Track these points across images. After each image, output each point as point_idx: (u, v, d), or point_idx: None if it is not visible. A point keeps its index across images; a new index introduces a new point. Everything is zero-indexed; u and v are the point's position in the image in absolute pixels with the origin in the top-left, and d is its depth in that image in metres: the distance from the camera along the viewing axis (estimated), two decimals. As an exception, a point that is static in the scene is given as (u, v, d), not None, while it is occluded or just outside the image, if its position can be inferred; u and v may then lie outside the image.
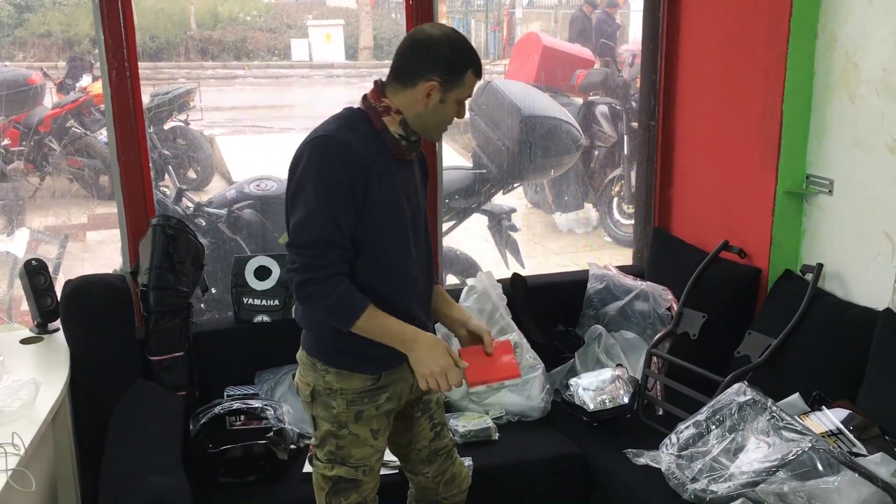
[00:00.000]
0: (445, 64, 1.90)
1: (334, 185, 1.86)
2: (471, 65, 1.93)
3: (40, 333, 2.73)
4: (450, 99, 1.93)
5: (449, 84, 1.91)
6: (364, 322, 1.90)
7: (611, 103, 5.88)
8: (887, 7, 2.47)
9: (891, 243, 2.54)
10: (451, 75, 1.91)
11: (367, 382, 2.02)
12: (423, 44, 1.92)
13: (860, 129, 2.61)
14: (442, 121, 1.98)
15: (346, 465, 2.07)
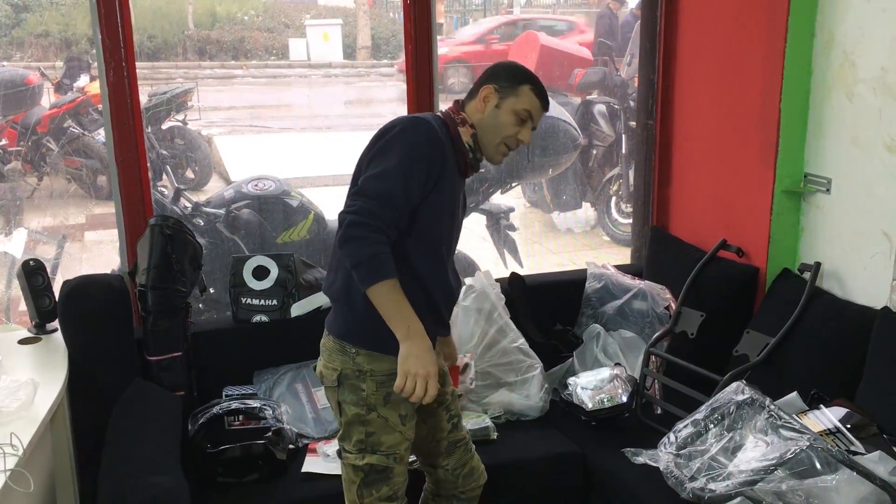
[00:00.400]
0: (503, 74, 2.12)
1: (417, 157, 1.97)
2: (528, 81, 2.12)
3: (38, 334, 2.72)
4: (504, 106, 2.09)
5: (504, 91, 2.09)
6: (384, 289, 1.93)
7: (609, 102, 5.89)
8: (885, 5, 2.47)
9: (889, 242, 2.54)
10: (506, 83, 2.10)
11: (394, 365, 2.02)
12: (489, 68, 2.16)
13: (858, 127, 2.61)
14: (497, 127, 2.10)
15: (377, 452, 2.09)
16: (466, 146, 2.09)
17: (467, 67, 9.28)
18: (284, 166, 5.67)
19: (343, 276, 2.06)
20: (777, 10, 2.74)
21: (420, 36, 3.08)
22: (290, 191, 3.71)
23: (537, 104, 2.12)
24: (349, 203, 1.96)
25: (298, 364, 2.93)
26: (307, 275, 3.02)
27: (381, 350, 2.04)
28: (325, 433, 2.76)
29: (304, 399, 2.84)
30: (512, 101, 2.09)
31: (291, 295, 2.95)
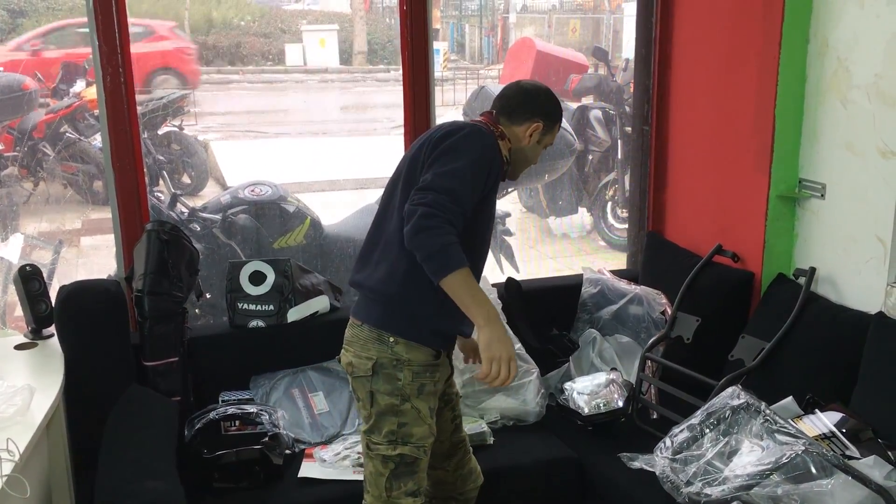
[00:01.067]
0: (549, 112, 2.24)
1: (483, 163, 2.05)
2: (561, 118, 2.29)
3: (35, 339, 2.72)
4: (544, 141, 2.25)
5: (548, 128, 2.24)
6: (458, 278, 1.94)
7: (605, 108, 5.90)
8: (878, 12, 2.49)
9: (882, 247, 2.55)
10: (550, 122, 2.24)
11: (429, 357, 2.12)
12: (533, 93, 2.25)
13: (852, 133, 2.62)
14: (531, 158, 2.26)
15: (409, 443, 2.11)
16: (504, 159, 2.17)
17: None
18: (281, 171, 5.66)
19: (386, 268, 2.09)
20: (772, 17, 2.76)
21: (417, 42, 3.09)
22: (287, 196, 3.71)
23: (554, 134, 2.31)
24: (419, 196, 1.97)
25: (295, 369, 2.93)
26: (304, 280, 3.03)
27: (420, 341, 2.10)
28: (322, 438, 2.76)
29: (300, 404, 2.84)
30: (549, 137, 2.27)
31: (288, 300, 2.95)
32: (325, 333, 3.00)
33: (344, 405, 2.86)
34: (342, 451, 2.64)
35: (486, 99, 4.09)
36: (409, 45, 3.10)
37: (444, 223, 1.93)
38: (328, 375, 2.93)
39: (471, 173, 2.01)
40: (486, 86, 4.28)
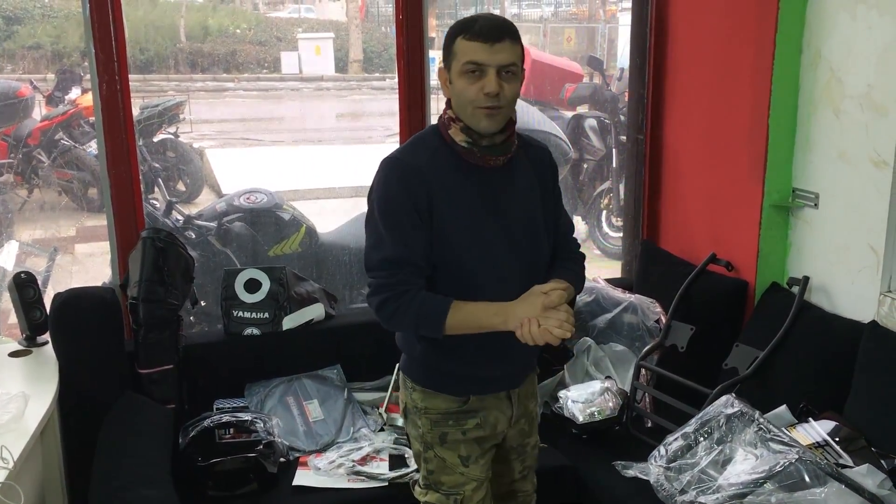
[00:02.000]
0: (442, 48, 1.92)
1: (398, 207, 1.86)
2: (459, 32, 1.85)
3: (29, 346, 2.71)
4: (453, 76, 1.86)
5: (447, 62, 1.89)
6: (453, 319, 1.85)
7: (599, 117, 5.92)
8: (871, 23, 2.50)
9: (875, 256, 2.56)
10: (446, 53, 1.89)
11: (452, 404, 2.00)
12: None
13: (845, 143, 2.64)
14: (464, 100, 1.85)
15: (439, 491, 2.05)
16: (464, 145, 1.89)
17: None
18: (276, 179, 5.68)
19: None
20: (765, 27, 2.78)
21: (412, 50, 3.10)
22: (282, 204, 3.72)
23: (476, 45, 1.81)
24: (368, 284, 1.92)
25: (290, 377, 2.93)
26: (299, 288, 3.03)
27: (434, 388, 2.01)
28: (317, 446, 2.75)
29: (295, 412, 2.84)
30: (455, 66, 1.85)
31: (283, 308, 2.95)
32: (320, 341, 3.01)
33: (338, 413, 2.85)
34: (337, 460, 2.63)
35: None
36: (405, 54, 3.11)
37: (398, 297, 1.85)
38: (323, 383, 2.93)
39: (390, 230, 1.86)
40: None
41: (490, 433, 2.06)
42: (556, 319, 1.81)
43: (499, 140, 1.91)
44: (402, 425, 2.80)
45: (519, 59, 1.86)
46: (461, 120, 1.89)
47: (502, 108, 1.85)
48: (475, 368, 1.98)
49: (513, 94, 1.86)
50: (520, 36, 1.87)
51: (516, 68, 1.85)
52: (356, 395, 2.96)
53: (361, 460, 2.65)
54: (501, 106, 1.84)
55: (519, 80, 1.88)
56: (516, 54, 1.85)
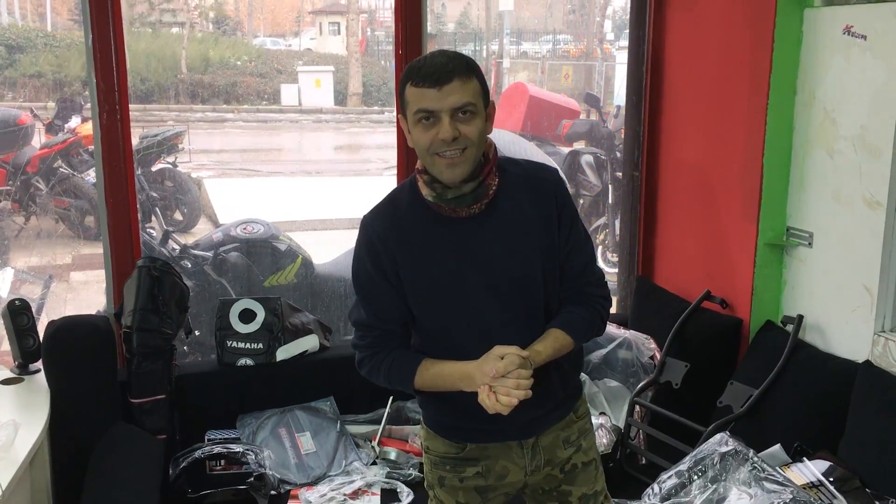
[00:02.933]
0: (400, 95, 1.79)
1: (364, 273, 1.84)
2: (406, 79, 1.73)
3: (21, 374, 2.70)
4: (410, 124, 1.74)
5: (403, 111, 1.77)
6: (422, 380, 1.81)
7: (596, 153, 5.96)
8: (864, 65, 2.54)
9: (870, 296, 2.57)
10: (400, 102, 1.78)
11: (450, 449, 1.92)
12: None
13: (839, 183, 2.66)
14: (422, 150, 1.73)
15: None
16: (429, 198, 1.78)
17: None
18: (273, 210, 5.69)
19: None
20: (760, 68, 2.81)
21: (411, 85, 3.13)
22: (279, 234, 3.73)
23: (422, 91, 1.68)
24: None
25: (283, 409, 2.92)
26: (294, 318, 3.02)
27: (433, 429, 1.95)
28: (308, 479, 2.73)
29: (287, 444, 2.82)
30: (410, 115, 1.73)
31: (277, 339, 2.94)
32: (313, 373, 3.00)
33: (331, 446, 2.84)
34: (328, 493, 2.61)
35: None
36: (404, 88, 3.13)
37: (370, 358, 1.86)
38: (316, 415, 2.92)
39: (361, 292, 1.86)
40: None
41: (495, 483, 1.93)
42: (503, 388, 1.68)
43: (468, 189, 1.75)
44: (394, 458, 2.79)
45: (475, 95, 1.71)
46: (427, 172, 1.77)
47: (466, 149, 1.70)
48: (471, 421, 1.83)
49: (476, 134, 1.71)
50: (475, 69, 1.73)
51: (474, 107, 1.70)
52: (349, 428, 2.94)
53: (353, 494, 2.63)
54: (464, 148, 1.70)
55: (481, 117, 1.72)
56: (471, 92, 1.70)
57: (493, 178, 1.79)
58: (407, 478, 2.73)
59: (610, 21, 13.01)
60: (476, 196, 1.76)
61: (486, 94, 1.75)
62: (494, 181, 1.79)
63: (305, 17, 14.58)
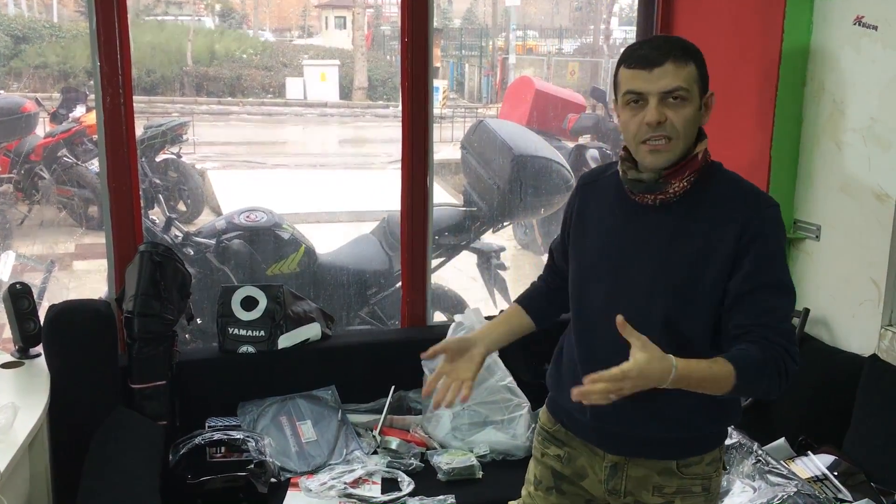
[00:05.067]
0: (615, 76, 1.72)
1: (564, 213, 1.93)
2: (621, 62, 1.68)
3: (21, 358, 2.68)
4: (619, 107, 1.68)
5: (615, 93, 1.71)
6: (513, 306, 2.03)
7: (601, 148, 5.94)
8: (874, 56, 2.52)
9: (877, 289, 2.55)
10: (615, 86, 1.71)
11: (547, 422, 1.92)
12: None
13: (847, 175, 2.64)
14: (629, 135, 1.66)
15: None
16: (620, 172, 1.72)
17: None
18: (277, 202, 5.69)
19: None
20: (769, 58, 2.79)
21: (417, 79, 3.10)
22: (282, 223, 3.71)
23: (634, 73, 1.63)
24: None
25: (284, 397, 2.90)
26: (296, 307, 3.01)
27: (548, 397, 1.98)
28: (308, 468, 2.71)
29: (287, 432, 2.80)
30: (620, 97, 1.67)
31: (279, 327, 2.92)
32: (315, 361, 2.99)
33: (332, 434, 2.82)
34: (328, 481, 2.59)
35: (484, 133, 4.12)
36: (410, 83, 3.11)
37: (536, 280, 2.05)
38: (317, 404, 2.90)
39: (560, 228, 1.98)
40: (485, 120, 4.31)
41: (572, 475, 1.85)
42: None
43: (647, 177, 1.66)
44: (395, 448, 2.77)
45: (690, 81, 1.62)
46: (628, 152, 1.71)
47: (671, 139, 1.61)
48: (561, 395, 1.80)
49: (683, 123, 1.61)
50: (694, 54, 1.66)
51: (686, 93, 1.61)
52: (350, 417, 2.93)
53: (353, 483, 2.61)
54: (669, 137, 1.61)
55: (693, 105, 1.63)
56: (684, 76, 1.61)
57: (679, 180, 1.65)
58: (408, 467, 2.71)
59: (616, 18, 12.99)
60: (650, 188, 1.66)
61: (704, 82, 1.66)
62: (680, 183, 1.65)
63: (311, 12, 14.58)
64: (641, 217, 1.70)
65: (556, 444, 1.87)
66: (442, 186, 6.60)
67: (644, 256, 1.69)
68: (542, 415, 1.95)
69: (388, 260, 3.77)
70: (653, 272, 1.67)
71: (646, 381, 1.47)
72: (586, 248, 1.79)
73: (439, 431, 2.88)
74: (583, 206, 1.83)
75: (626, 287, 1.70)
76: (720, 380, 1.55)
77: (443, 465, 2.70)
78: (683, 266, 1.65)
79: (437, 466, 2.70)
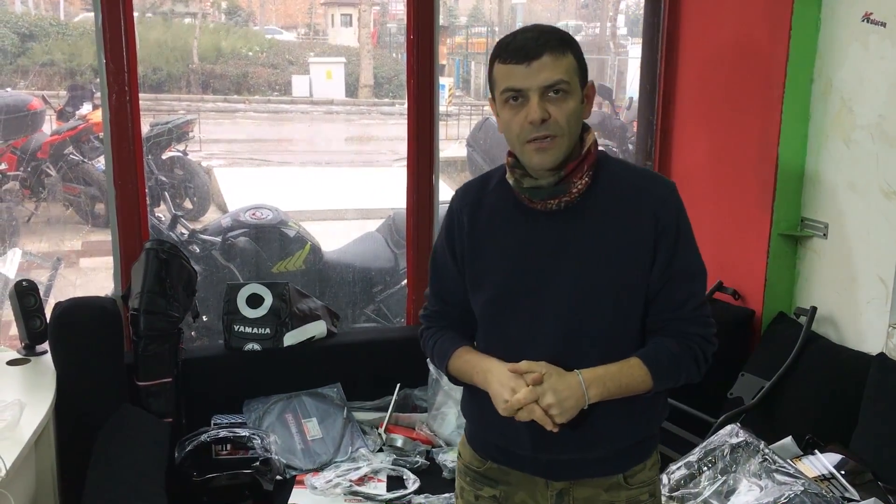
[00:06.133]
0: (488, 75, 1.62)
1: (438, 242, 1.76)
2: (494, 57, 1.57)
3: (27, 355, 2.69)
4: (498, 105, 1.58)
5: (492, 92, 1.60)
6: (454, 365, 1.69)
7: (608, 145, 5.93)
8: (882, 53, 2.50)
9: (885, 288, 2.54)
10: (490, 82, 1.60)
11: (473, 461, 1.74)
12: None
13: (855, 173, 2.62)
14: (511, 135, 1.57)
15: None
16: (509, 180, 1.61)
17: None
18: (283, 199, 5.70)
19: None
20: (776, 56, 2.77)
21: (422, 76, 3.10)
22: (288, 221, 3.72)
23: (510, 68, 1.52)
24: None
25: (289, 394, 2.90)
26: (301, 304, 3.01)
27: (466, 434, 1.79)
28: (314, 465, 2.72)
29: (293, 430, 2.81)
30: (498, 95, 1.57)
31: (285, 324, 2.92)
32: (320, 359, 2.99)
33: (337, 432, 2.82)
34: (334, 479, 2.60)
35: (489, 130, 4.12)
36: (415, 80, 3.11)
37: (424, 331, 1.79)
38: (322, 401, 2.90)
39: (430, 263, 1.78)
40: (491, 117, 4.30)
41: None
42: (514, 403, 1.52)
43: (546, 182, 1.56)
44: (401, 446, 2.77)
45: (570, 73, 1.53)
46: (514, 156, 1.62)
47: (556, 137, 1.52)
48: (494, 433, 1.66)
49: (567, 117, 1.52)
50: (571, 43, 1.55)
51: (567, 86, 1.52)
52: (356, 415, 2.93)
53: (359, 480, 2.61)
54: (554, 135, 1.52)
55: (575, 98, 1.54)
56: (563, 69, 1.52)
57: (579, 178, 1.56)
58: (413, 465, 2.71)
59: (623, 15, 12.95)
60: (554, 192, 1.56)
61: (583, 72, 1.57)
62: (581, 181, 1.56)
63: (318, 9, 14.58)
64: (548, 225, 1.60)
65: (490, 484, 1.71)
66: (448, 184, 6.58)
67: (563, 266, 1.59)
68: (465, 452, 1.76)
69: (393, 257, 3.78)
70: (575, 281, 1.58)
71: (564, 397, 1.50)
72: (493, 273, 1.64)
73: (445, 429, 2.88)
74: (473, 230, 1.66)
75: (551, 302, 1.59)
76: (637, 379, 1.57)
77: (448, 462, 2.70)
78: (606, 268, 1.58)
79: (443, 464, 2.70)
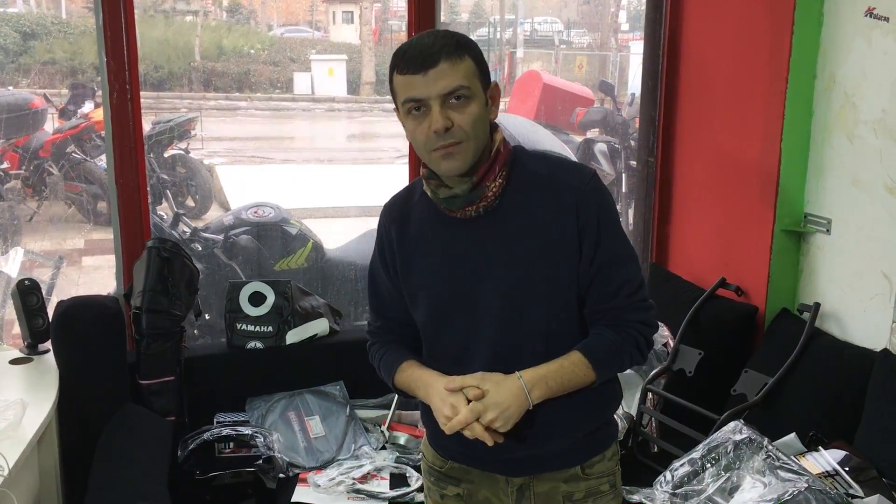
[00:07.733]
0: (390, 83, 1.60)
1: (373, 257, 1.75)
2: (393, 68, 1.54)
3: (30, 354, 2.69)
4: (401, 116, 1.56)
5: (394, 101, 1.58)
6: (400, 379, 1.69)
7: (610, 142, 5.92)
8: (886, 48, 2.49)
9: (889, 284, 2.53)
10: (392, 93, 1.58)
11: (436, 461, 1.76)
12: None
13: (858, 168, 2.62)
14: (419, 146, 1.55)
15: None
16: (427, 191, 1.61)
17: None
18: (285, 197, 5.70)
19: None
20: (779, 52, 2.76)
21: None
22: (290, 219, 3.72)
23: (408, 79, 1.50)
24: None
25: (292, 392, 2.90)
26: (304, 302, 3.01)
27: (427, 435, 1.81)
28: (317, 463, 2.72)
29: (296, 428, 2.81)
30: (399, 107, 1.55)
31: (287, 322, 2.92)
32: (323, 357, 2.99)
33: (340, 430, 2.82)
34: (337, 477, 2.60)
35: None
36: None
37: (370, 346, 1.80)
38: (325, 399, 2.90)
39: (371, 278, 1.77)
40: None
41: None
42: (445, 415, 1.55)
43: (460, 190, 1.54)
44: (404, 443, 2.77)
45: (469, 77, 1.50)
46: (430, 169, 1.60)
47: (461, 142, 1.50)
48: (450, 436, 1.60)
49: (472, 122, 1.50)
50: (468, 46, 1.53)
51: (468, 90, 1.50)
52: (358, 413, 2.93)
53: (362, 478, 2.61)
54: (459, 141, 1.50)
55: (478, 102, 1.52)
56: (462, 74, 1.49)
57: (492, 180, 1.56)
58: (416, 463, 2.70)
59: (625, 11, 12.93)
60: (469, 199, 1.55)
61: (484, 74, 1.55)
62: (495, 183, 1.56)
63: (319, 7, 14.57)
64: (470, 233, 1.59)
65: (453, 483, 1.73)
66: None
67: (492, 272, 1.59)
68: (427, 452, 1.79)
69: (396, 255, 3.77)
70: (506, 284, 1.58)
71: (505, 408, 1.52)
72: (426, 287, 1.65)
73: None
74: (401, 245, 1.66)
75: (486, 309, 1.59)
76: (579, 373, 1.59)
77: (451, 460, 2.70)
78: (534, 267, 1.58)
79: (446, 462, 2.70)
